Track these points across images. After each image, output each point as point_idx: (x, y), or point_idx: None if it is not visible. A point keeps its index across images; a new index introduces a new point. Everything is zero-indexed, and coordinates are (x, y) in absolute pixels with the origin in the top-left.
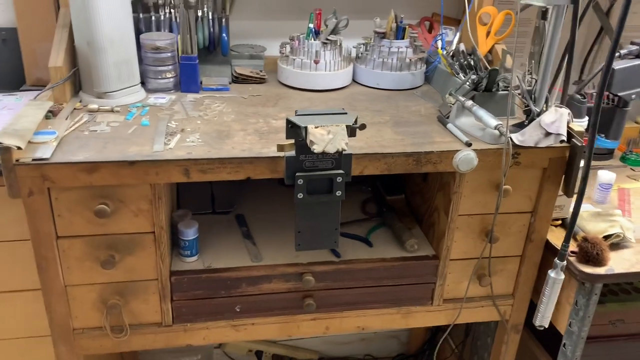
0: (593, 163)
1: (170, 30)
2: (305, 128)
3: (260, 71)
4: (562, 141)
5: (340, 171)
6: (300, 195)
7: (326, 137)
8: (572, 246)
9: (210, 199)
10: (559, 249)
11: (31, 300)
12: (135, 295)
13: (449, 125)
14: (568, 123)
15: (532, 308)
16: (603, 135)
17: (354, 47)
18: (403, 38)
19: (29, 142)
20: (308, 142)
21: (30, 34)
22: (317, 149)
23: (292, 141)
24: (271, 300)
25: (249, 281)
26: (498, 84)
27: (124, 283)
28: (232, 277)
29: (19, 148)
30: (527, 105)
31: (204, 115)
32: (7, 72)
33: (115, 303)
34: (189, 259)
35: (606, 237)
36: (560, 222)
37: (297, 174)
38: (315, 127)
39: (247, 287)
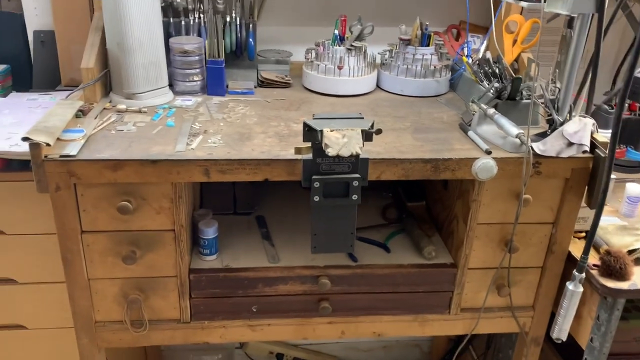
0: (621, 176)
1: (199, 35)
2: (321, 131)
3: (286, 76)
4: (585, 152)
5: (357, 175)
6: (316, 198)
7: (341, 141)
8: (595, 259)
9: (232, 199)
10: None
11: (57, 292)
12: (155, 291)
13: (470, 133)
14: (592, 133)
15: (553, 321)
16: (632, 146)
17: (378, 53)
18: (428, 45)
19: (58, 139)
20: (323, 145)
21: (67, 36)
22: (331, 152)
23: (309, 144)
24: (287, 302)
25: (266, 282)
26: (522, 93)
27: (145, 279)
28: (249, 277)
29: (47, 144)
30: (550, 115)
31: (228, 117)
32: (44, 73)
33: (136, 298)
34: (208, 257)
35: (631, 252)
36: (584, 234)
37: (314, 176)
38: (331, 131)
39: (263, 288)
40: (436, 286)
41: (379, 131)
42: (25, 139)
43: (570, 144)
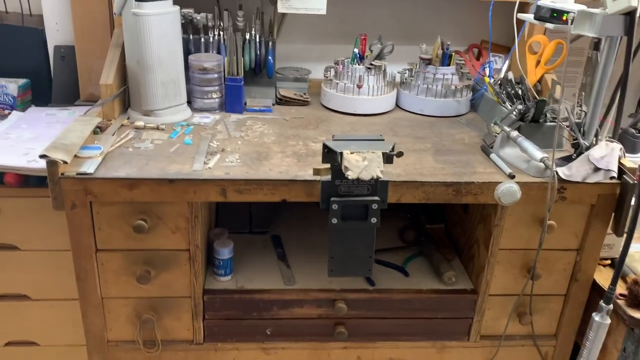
0: None
1: (218, 52)
2: (341, 153)
3: (304, 94)
4: (612, 177)
5: (376, 198)
6: (334, 221)
7: (361, 164)
8: (621, 289)
9: (248, 218)
10: (606, 290)
11: (70, 309)
12: (169, 312)
13: (492, 156)
14: (619, 158)
15: (577, 351)
16: None
17: (398, 72)
18: (449, 65)
19: (75, 156)
20: (343, 167)
21: (87, 52)
22: (351, 175)
23: (328, 166)
24: (302, 326)
25: (281, 304)
26: (546, 115)
27: (158, 299)
28: (264, 299)
29: (64, 162)
30: (576, 139)
31: (245, 136)
32: (63, 88)
33: (149, 318)
34: (222, 278)
35: None
36: (609, 261)
37: (332, 198)
38: (351, 153)
39: (278, 310)
40: (456, 312)
41: (400, 154)
42: (42, 156)
43: (596, 169)
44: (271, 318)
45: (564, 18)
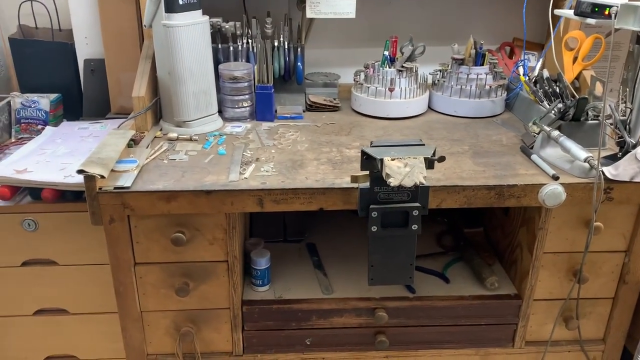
0: None
1: (247, 60)
2: (381, 160)
3: (334, 99)
4: None
5: (417, 204)
6: (374, 228)
7: (403, 170)
8: None
9: (282, 226)
10: None
11: (109, 323)
12: (208, 324)
13: (534, 157)
14: None
15: (626, 356)
16: None
17: (430, 73)
18: (482, 64)
19: (112, 170)
20: (384, 174)
21: (117, 65)
22: (393, 182)
23: (367, 173)
24: (342, 335)
25: (320, 314)
26: (587, 113)
27: (197, 311)
28: (303, 309)
29: (102, 177)
30: (621, 137)
31: (278, 144)
32: (94, 101)
33: (188, 331)
34: (260, 288)
35: None
36: None
37: (372, 206)
38: (392, 160)
39: (317, 320)
40: (499, 318)
41: (442, 158)
42: (80, 171)
43: None
44: (310, 328)
45: (606, 12)
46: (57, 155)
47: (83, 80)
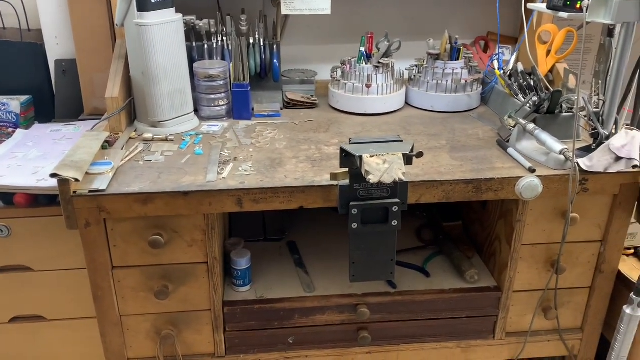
0: None
1: (223, 58)
2: (360, 157)
3: (312, 96)
4: (635, 166)
5: (396, 200)
6: (354, 225)
7: (382, 167)
8: None
9: (262, 225)
10: (634, 282)
11: (87, 328)
12: (189, 326)
13: (510, 150)
14: None
15: (603, 343)
16: None
17: (406, 69)
18: (458, 59)
19: (86, 173)
20: (363, 172)
21: (89, 65)
22: (373, 179)
23: (346, 170)
24: (325, 332)
25: (302, 312)
26: (561, 106)
27: (178, 313)
28: (285, 308)
29: (76, 180)
30: (594, 128)
31: (256, 142)
32: (66, 102)
33: (169, 333)
34: (241, 288)
35: None
36: (632, 251)
37: (352, 203)
38: (371, 157)
39: (300, 319)
40: (480, 311)
41: (420, 154)
42: (53, 175)
43: (618, 158)
44: (293, 326)
45: (578, 6)
46: (29, 159)
47: (55, 81)
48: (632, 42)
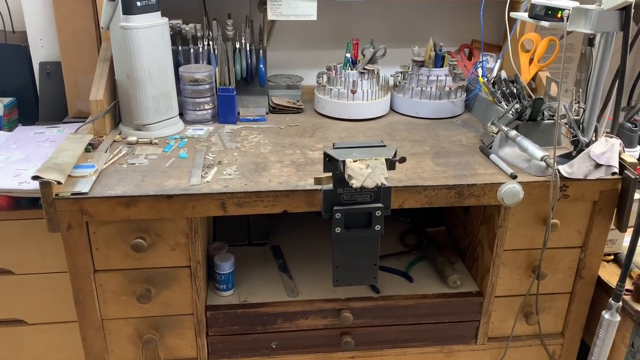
0: None
1: (209, 62)
2: (344, 162)
3: (297, 101)
4: (614, 173)
5: (379, 205)
6: (337, 230)
7: (365, 172)
8: (627, 284)
9: (246, 230)
10: (613, 287)
11: (69, 332)
12: (171, 330)
13: (492, 156)
14: (620, 154)
15: (584, 348)
16: None
17: (391, 75)
18: (442, 66)
19: (69, 175)
20: (346, 176)
21: (73, 68)
22: (355, 183)
23: (330, 174)
24: (308, 337)
25: (285, 317)
26: (543, 113)
27: (160, 317)
28: (268, 313)
29: (58, 183)
30: (575, 136)
31: (241, 146)
32: (51, 105)
33: (151, 338)
34: (224, 293)
35: None
36: (612, 257)
37: (335, 207)
38: (354, 161)
39: (283, 323)
40: (462, 316)
41: (402, 159)
42: (35, 177)
43: (598, 165)
44: (276, 331)
45: (559, 15)
46: (11, 161)
47: (39, 83)
48: (612, 51)
